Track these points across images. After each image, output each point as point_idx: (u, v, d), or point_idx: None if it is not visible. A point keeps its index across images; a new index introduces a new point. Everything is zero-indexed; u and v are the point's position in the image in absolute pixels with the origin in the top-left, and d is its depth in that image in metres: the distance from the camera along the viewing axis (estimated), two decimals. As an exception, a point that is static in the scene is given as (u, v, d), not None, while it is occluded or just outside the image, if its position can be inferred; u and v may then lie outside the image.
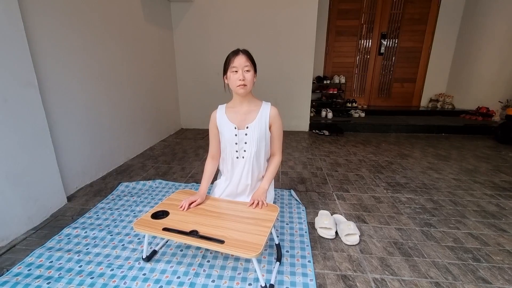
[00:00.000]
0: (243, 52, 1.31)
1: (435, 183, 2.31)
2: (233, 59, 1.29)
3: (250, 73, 1.31)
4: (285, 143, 3.48)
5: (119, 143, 2.71)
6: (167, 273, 1.27)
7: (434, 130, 4.12)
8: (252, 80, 1.34)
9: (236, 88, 1.31)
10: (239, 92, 1.33)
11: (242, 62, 1.29)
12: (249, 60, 1.31)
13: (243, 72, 1.29)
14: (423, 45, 4.98)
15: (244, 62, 1.29)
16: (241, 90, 1.31)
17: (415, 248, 1.45)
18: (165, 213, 1.28)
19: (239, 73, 1.28)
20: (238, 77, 1.28)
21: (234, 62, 1.29)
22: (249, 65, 1.30)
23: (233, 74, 1.30)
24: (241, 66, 1.29)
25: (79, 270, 1.29)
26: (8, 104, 1.49)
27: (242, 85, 1.29)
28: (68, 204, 1.94)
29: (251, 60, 1.33)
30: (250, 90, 1.36)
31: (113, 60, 2.58)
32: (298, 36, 3.84)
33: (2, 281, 1.21)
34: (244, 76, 1.29)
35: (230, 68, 1.30)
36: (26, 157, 1.61)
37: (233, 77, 1.30)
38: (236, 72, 1.29)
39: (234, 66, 1.29)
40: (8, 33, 1.49)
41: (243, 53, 1.30)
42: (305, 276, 1.24)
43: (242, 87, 1.30)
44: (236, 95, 1.39)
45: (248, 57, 1.32)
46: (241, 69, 1.28)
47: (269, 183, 1.45)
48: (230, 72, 1.31)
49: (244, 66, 1.29)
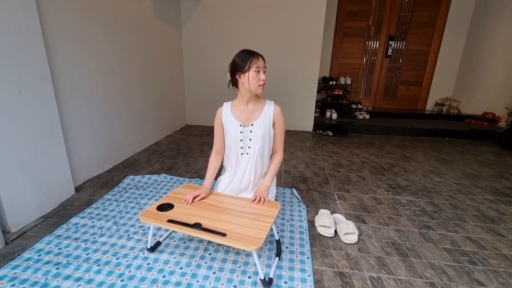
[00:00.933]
0: (259, 54, 1.37)
1: (436, 186, 2.32)
2: (256, 60, 1.33)
3: (266, 73, 1.39)
4: (289, 143, 3.52)
5: (126, 137, 2.77)
6: (170, 263, 1.32)
7: (438, 134, 4.12)
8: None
9: (258, 87, 1.37)
10: (258, 92, 1.39)
11: (262, 63, 1.36)
12: (264, 62, 1.39)
13: (263, 72, 1.36)
14: (430, 49, 4.96)
15: (263, 63, 1.37)
16: (260, 90, 1.39)
17: (413, 249, 1.48)
18: (170, 205, 1.33)
19: (260, 73, 1.35)
20: (261, 77, 1.35)
21: (257, 63, 1.33)
22: (265, 67, 1.39)
23: (255, 74, 1.34)
24: (262, 66, 1.35)
25: (86, 258, 1.34)
26: (23, 95, 1.55)
27: (263, 85, 1.37)
28: (76, 194, 2.00)
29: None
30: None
31: (123, 56, 2.63)
32: (305, 36, 3.86)
33: (13, 264, 1.28)
34: (264, 77, 1.37)
35: (253, 67, 1.33)
36: (38, 148, 1.67)
37: (256, 76, 1.34)
38: (258, 72, 1.34)
39: (258, 66, 1.33)
40: (25, 28, 1.54)
41: (259, 55, 1.36)
42: (303, 272, 1.28)
43: (262, 87, 1.38)
44: (245, 94, 1.42)
45: (263, 59, 1.39)
46: (262, 69, 1.35)
47: (271, 180, 1.49)
48: (253, 72, 1.33)
49: (264, 67, 1.37)
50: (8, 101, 1.47)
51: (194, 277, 1.23)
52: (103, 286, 1.17)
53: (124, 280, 1.20)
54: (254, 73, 1.34)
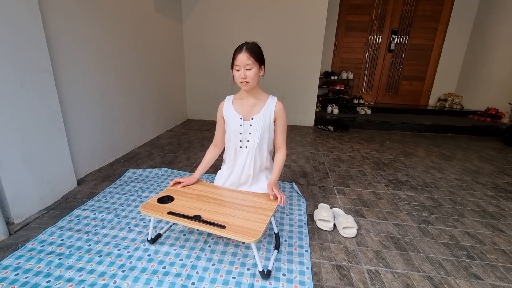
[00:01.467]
0: (246, 49, 1.30)
1: (436, 182, 2.32)
2: (237, 57, 1.32)
3: (252, 70, 1.32)
4: (290, 138, 3.52)
5: (127, 131, 2.78)
6: (170, 255, 1.34)
7: (440, 130, 4.10)
8: (255, 76, 1.34)
9: (240, 84, 1.37)
10: (243, 89, 1.40)
11: (243, 60, 1.30)
12: (251, 57, 1.29)
13: (245, 70, 1.31)
14: (434, 43, 4.91)
15: (245, 60, 1.29)
16: (245, 87, 1.37)
17: (411, 244, 1.49)
18: (170, 198, 1.34)
19: (241, 71, 1.32)
20: (239, 75, 1.33)
21: (236, 60, 1.32)
22: (251, 63, 1.30)
23: (236, 72, 1.35)
24: (243, 64, 1.30)
25: (88, 249, 1.36)
26: (25, 89, 1.56)
27: (245, 82, 1.34)
28: (78, 187, 2.02)
29: (255, 57, 1.31)
30: (254, 85, 1.39)
31: (124, 50, 2.63)
32: (307, 30, 3.83)
33: (17, 254, 1.30)
34: (246, 74, 1.31)
35: (234, 65, 1.35)
36: (40, 141, 1.69)
37: (236, 74, 1.35)
38: (238, 70, 1.33)
39: (236, 64, 1.32)
40: (27, 21, 1.54)
41: (246, 50, 1.30)
42: (302, 264, 1.30)
43: (245, 84, 1.35)
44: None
45: (251, 54, 1.30)
46: (243, 67, 1.31)
47: (278, 175, 1.46)
48: (234, 70, 1.36)
49: (246, 65, 1.30)
50: (11, 94, 1.48)
51: (194, 269, 1.25)
52: (104, 276, 1.19)
53: (125, 270, 1.22)
54: (235, 71, 1.35)
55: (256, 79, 1.37)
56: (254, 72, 1.33)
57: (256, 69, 1.34)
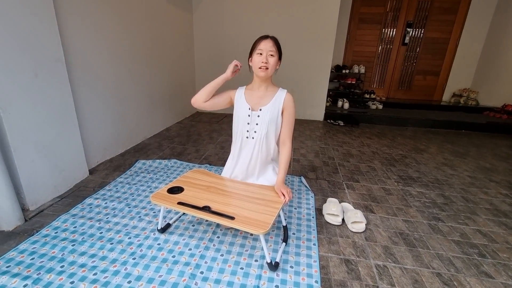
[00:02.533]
0: (271, 38, 1.36)
1: (448, 179, 2.27)
2: (260, 42, 1.34)
3: (274, 58, 1.35)
4: (299, 131, 3.49)
5: (138, 122, 2.82)
6: (179, 244, 1.36)
7: (454, 126, 3.99)
8: (275, 65, 1.37)
9: (258, 70, 1.36)
10: (259, 75, 1.37)
11: (268, 46, 1.33)
12: (275, 45, 1.35)
13: (267, 56, 1.33)
14: (450, 37, 4.74)
15: (270, 46, 1.33)
16: (262, 73, 1.36)
17: (421, 240, 1.47)
18: (180, 189, 1.36)
19: (263, 55, 1.33)
20: (261, 59, 1.33)
21: (260, 45, 1.34)
22: (274, 51, 1.34)
23: (257, 56, 1.34)
24: (267, 49, 1.33)
25: (100, 236, 1.40)
26: (39, 78, 1.58)
27: (264, 67, 1.33)
28: (90, 176, 2.07)
29: (278, 47, 1.37)
30: (270, 75, 1.39)
31: (135, 41, 2.64)
32: (319, 22, 3.75)
33: (32, 240, 1.35)
34: (268, 60, 1.33)
35: (256, 50, 1.35)
36: (53, 130, 1.72)
37: (257, 59, 1.34)
38: (260, 54, 1.33)
39: (260, 48, 1.33)
40: (40, 11, 1.56)
41: (271, 38, 1.35)
42: (309, 258, 1.30)
43: (264, 70, 1.34)
44: (256, 78, 1.43)
45: (275, 43, 1.36)
46: (266, 52, 1.33)
47: (285, 173, 1.45)
48: (255, 54, 1.35)
49: (270, 51, 1.33)
50: (25, 83, 1.51)
51: (202, 258, 1.27)
52: (116, 263, 1.22)
53: (135, 258, 1.25)
54: (256, 55, 1.35)
55: (274, 69, 1.39)
56: (275, 60, 1.36)
57: (277, 59, 1.37)
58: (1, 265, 1.18)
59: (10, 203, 1.42)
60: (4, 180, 1.38)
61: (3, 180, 1.37)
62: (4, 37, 1.38)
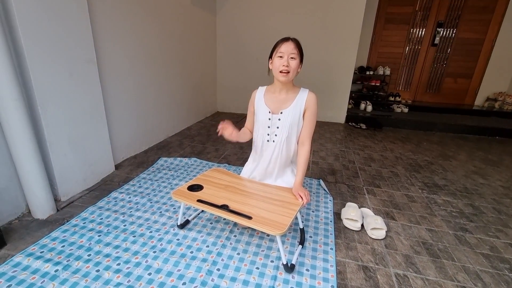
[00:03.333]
0: (292, 40, 1.31)
1: (478, 188, 2.15)
2: (281, 45, 1.29)
3: (295, 61, 1.30)
4: (319, 134, 3.45)
5: (161, 120, 2.92)
6: (197, 241, 1.39)
7: (487, 133, 3.75)
8: (296, 68, 1.32)
9: (278, 74, 1.31)
10: (280, 79, 1.33)
11: (289, 49, 1.28)
12: (297, 48, 1.30)
13: (289, 58, 1.28)
14: (485, 37, 4.46)
15: (291, 49, 1.28)
16: (283, 78, 1.31)
17: (445, 251, 1.40)
18: (199, 187, 1.39)
19: (284, 59, 1.28)
20: (282, 62, 1.28)
21: (281, 48, 1.29)
22: (295, 53, 1.29)
23: (278, 60, 1.30)
24: (288, 52, 1.28)
25: (123, 228, 1.47)
26: (73, 77, 1.69)
27: (285, 71, 1.29)
28: (116, 171, 2.17)
29: (299, 49, 1.32)
30: (292, 79, 1.34)
31: (160, 43, 2.74)
32: (344, 22, 3.68)
33: (63, 229, 1.44)
34: (289, 63, 1.28)
35: (276, 52, 1.30)
36: (85, 126, 1.83)
37: (278, 62, 1.30)
38: (281, 57, 1.29)
39: (281, 51, 1.29)
40: (76, 15, 1.67)
41: (292, 41, 1.30)
42: (326, 262, 1.28)
43: (285, 75, 1.30)
44: (277, 82, 1.39)
45: (297, 45, 1.31)
46: (287, 55, 1.28)
47: (303, 175, 1.42)
48: (276, 57, 1.31)
49: (291, 53, 1.28)
50: (61, 83, 1.62)
51: (219, 256, 1.29)
52: (137, 255, 1.27)
53: (156, 252, 1.30)
54: (276, 58, 1.31)
55: (295, 73, 1.33)
56: (296, 63, 1.31)
57: (298, 62, 1.31)
58: (36, 250, 1.28)
59: (45, 193, 1.53)
60: (40, 173, 1.49)
61: (40, 172, 1.48)
62: (44, 40, 1.49)
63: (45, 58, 1.51)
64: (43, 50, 1.49)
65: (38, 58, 1.47)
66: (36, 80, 1.47)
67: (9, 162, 1.46)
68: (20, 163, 1.43)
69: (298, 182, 1.38)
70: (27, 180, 1.47)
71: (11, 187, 1.49)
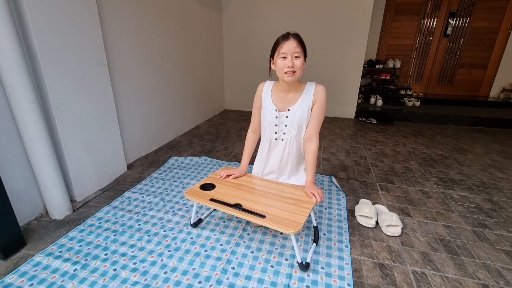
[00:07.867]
0: (294, 36, 1.21)
1: (497, 182, 2.08)
2: (283, 44, 1.20)
3: (300, 59, 1.21)
4: (328, 130, 3.40)
5: (170, 120, 2.94)
6: (211, 239, 1.40)
7: (503, 125, 3.63)
8: (302, 66, 1.23)
9: (283, 75, 1.23)
10: (286, 80, 1.24)
11: (292, 47, 1.19)
12: (299, 45, 1.20)
13: (293, 58, 1.20)
14: (501, 25, 4.30)
15: (294, 47, 1.19)
16: (289, 78, 1.22)
17: (464, 248, 1.37)
18: (212, 186, 1.39)
19: (288, 59, 1.19)
20: (286, 63, 1.19)
21: (283, 47, 1.19)
22: (299, 51, 1.20)
23: (281, 61, 1.21)
24: (291, 52, 1.19)
25: (138, 228, 1.49)
26: (85, 80, 1.71)
27: (291, 72, 1.20)
28: (128, 171, 2.20)
29: (302, 45, 1.22)
30: (298, 77, 1.26)
31: (168, 42, 2.74)
32: (352, 15, 3.61)
33: (80, 228, 1.47)
34: (294, 63, 1.19)
35: (279, 53, 1.21)
36: (97, 128, 1.86)
37: (281, 63, 1.21)
38: (284, 58, 1.20)
39: (284, 52, 1.20)
40: (87, 19, 1.68)
41: (294, 38, 1.20)
42: (341, 259, 1.27)
43: (291, 75, 1.21)
44: (280, 81, 1.33)
45: (299, 42, 1.21)
46: (290, 55, 1.19)
47: (314, 173, 1.37)
48: (278, 58, 1.22)
49: (294, 52, 1.19)
50: (74, 85, 1.64)
51: (233, 254, 1.29)
52: (153, 254, 1.29)
53: (171, 250, 1.31)
54: (279, 59, 1.22)
55: (301, 71, 1.24)
56: (302, 61, 1.22)
57: (303, 59, 1.23)
58: (55, 250, 1.31)
59: (62, 194, 1.56)
60: (57, 174, 1.52)
61: (56, 173, 1.51)
62: (56, 44, 1.51)
63: (58, 61, 1.53)
64: (56, 53, 1.51)
65: (51, 61, 1.49)
66: (50, 83, 1.49)
67: (27, 164, 1.49)
68: (37, 165, 1.46)
69: (310, 180, 1.35)
70: (44, 181, 1.50)
71: (29, 188, 1.53)
